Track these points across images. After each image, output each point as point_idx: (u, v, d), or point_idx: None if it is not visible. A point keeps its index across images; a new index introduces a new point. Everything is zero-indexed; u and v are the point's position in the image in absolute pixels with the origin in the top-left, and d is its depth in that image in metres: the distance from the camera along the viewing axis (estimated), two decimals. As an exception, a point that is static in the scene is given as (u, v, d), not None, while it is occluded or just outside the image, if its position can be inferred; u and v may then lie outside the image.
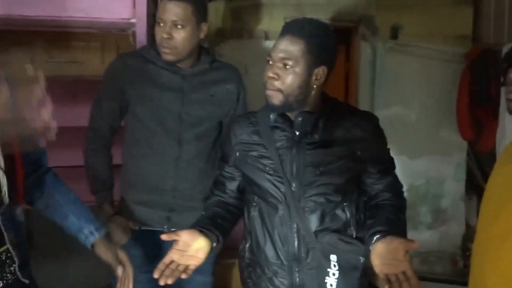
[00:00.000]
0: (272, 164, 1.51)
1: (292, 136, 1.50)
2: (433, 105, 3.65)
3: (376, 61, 3.58)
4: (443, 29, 3.60)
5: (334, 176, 1.49)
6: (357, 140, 1.51)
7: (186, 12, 1.79)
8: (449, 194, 3.73)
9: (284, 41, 1.43)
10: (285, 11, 3.40)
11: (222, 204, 1.64)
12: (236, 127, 1.63)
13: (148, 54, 1.90)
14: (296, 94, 1.44)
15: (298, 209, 1.48)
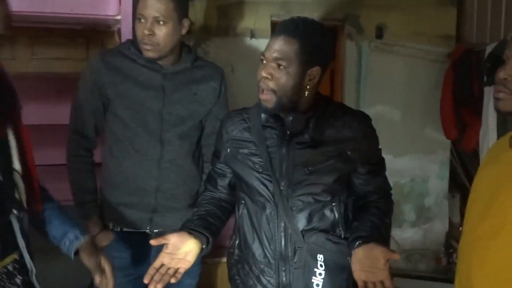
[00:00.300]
0: (262, 162, 1.50)
1: (283, 135, 1.49)
2: (418, 104, 3.69)
3: (362, 60, 3.60)
4: (428, 29, 3.64)
5: (323, 175, 1.48)
6: (347, 140, 1.50)
7: (168, 8, 1.75)
8: (433, 192, 3.78)
9: (278, 41, 1.41)
10: (271, 9, 3.40)
11: (215, 200, 1.63)
12: (228, 123, 1.61)
13: (128, 52, 1.85)
14: (289, 94, 1.44)
15: (286, 208, 1.48)
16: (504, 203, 1.16)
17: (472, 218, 1.29)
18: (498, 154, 1.28)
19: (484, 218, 1.21)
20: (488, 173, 1.29)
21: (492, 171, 1.27)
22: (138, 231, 1.92)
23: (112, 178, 1.91)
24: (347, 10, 3.54)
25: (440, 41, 3.67)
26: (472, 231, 1.26)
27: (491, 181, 1.24)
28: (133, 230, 1.92)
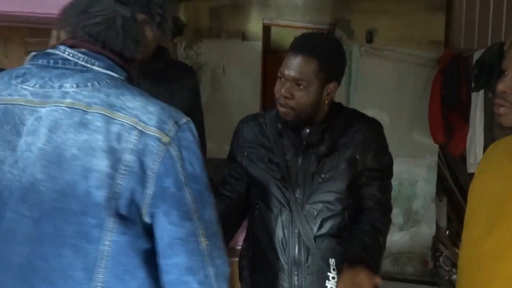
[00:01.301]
0: (279, 170, 1.53)
1: (299, 145, 1.52)
2: (407, 108, 3.73)
3: (352, 64, 3.64)
4: (416, 34, 3.69)
5: (336, 182, 1.51)
6: (357, 144, 1.52)
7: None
8: (421, 196, 3.82)
9: (297, 60, 1.43)
10: (263, 12, 3.42)
11: (231, 204, 1.62)
12: (245, 127, 1.62)
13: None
14: (308, 111, 1.47)
15: (300, 215, 1.50)
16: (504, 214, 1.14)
17: (475, 232, 1.26)
18: (501, 164, 1.25)
19: (490, 234, 1.18)
20: (491, 183, 1.25)
21: (495, 182, 1.23)
22: None
23: None
24: (338, 15, 3.57)
25: (429, 46, 3.73)
26: (476, 246, 1.23)
27: (496, 194, 1.21)
28: None
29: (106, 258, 0.85)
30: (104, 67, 0.94)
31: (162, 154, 0.87)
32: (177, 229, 0.88)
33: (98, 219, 0.84)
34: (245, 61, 3.39)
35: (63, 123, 0.86)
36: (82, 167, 0.84)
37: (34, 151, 0.86)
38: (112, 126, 0.86)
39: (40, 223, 0.85)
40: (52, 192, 0.85)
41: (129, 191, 0.85)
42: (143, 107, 0.89)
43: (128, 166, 0.85)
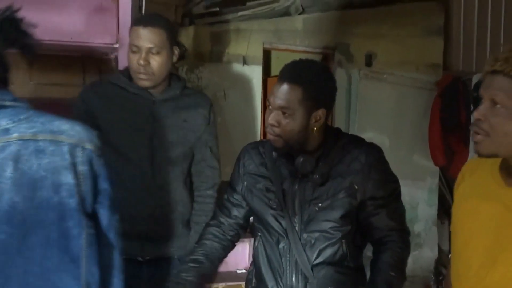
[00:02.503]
0: (276, 199, 1.53)
1: (294, 173, 1.53)
2: (406, 131, 3.75)
3: (352, 87, 3.67)
4: (415, 57, 3.74)
5: (332, 211, 1.50)
6: (355, 173, 1.51)
7: (162, 38, 1.79)
8: (422, 219, 3.81)
9: (282, 88, 1.44)
10: (264, 36, 3.47)
11: (219, 238, 1.64)
12: (246, 156, 1.64)
13: (119, 81, 1.88)
14: (296, 138, 1.47)
15: (297, 244, 1.50)
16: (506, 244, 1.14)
17: (474, 262, 1.24)
18: (490, 189, 1.24)
19: (494, 266, 1.17)
20: (483, 210, 1.24)
21: (489, 209, 1.22)
22: (129, 258, 1.91)
23: None
24: (338, 39, 3.62)
25: (428, 69, 3.77)
26: (478, 277, 1.21)
27: (493, 222, 1.20)
28: (125, 257, 1.91)
29: (85, 249, 1.11)
30: (11, 99, 1.10)
31: (99, 161, 1.14)
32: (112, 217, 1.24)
33: (74, 220, 1.08)
34: (245, 85, 3.43)
35: (23, 153, 1.04)
36: (52, 184, 1.05)
37: (5, 180, 1.03)
38: (62, 147, 1.07)
39: (27, 236, 1.04)
40: (31, 209, 1.04)
41: (89, 193, 1.11)
42: (72, 128, 1.10)
43: (84, 174, 1.09)
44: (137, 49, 1.79)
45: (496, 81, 1.13)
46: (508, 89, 1.11)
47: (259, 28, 3.48)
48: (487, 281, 1.18)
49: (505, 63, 1.12)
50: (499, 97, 1.12)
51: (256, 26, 3.47)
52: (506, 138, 1.12)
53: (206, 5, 3.39)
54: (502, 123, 1.12)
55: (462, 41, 3.94)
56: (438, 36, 3.82)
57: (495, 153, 1.16)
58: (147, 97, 1.86)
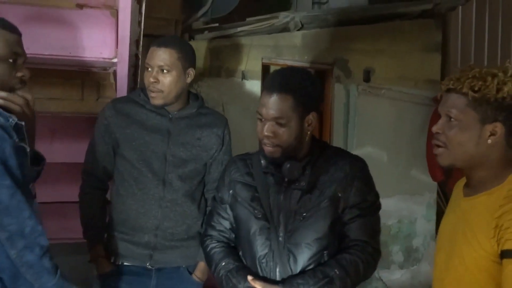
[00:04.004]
0: (261, 208, 1.55)
1: (281, 182, 1.55)
2: (404, 146, 3.76)
3: (350, 103, 3.69)
4: (413, 73, 3.76)
5: (318, 222, 1.52)
6: (338, 182, 1.54)
7: (172, 58, 1.87)
8: (420, 234, 3.81)
9: (272, 99, 1.47)
10: (263, 51, 3.50)
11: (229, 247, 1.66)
12: (232, 167, 1.68)
13: (138, 98, 1.98)
14: (294, 144, 1.51)
15: (281, 254, 1.52)
16: (461, 252, 1.26)
17: (438, 267, 1.38)
18: (456, 203, 1.38)
19: (448, 269, 1.31)
20: (449, 222, 1.38)
21: (450, 220, 1.37)
22: (138, 265, 1.97)
23: (116, 215, 2.00)
24: (336, 54, 3.65)
25: (426, 85, 3.79)
26: (440, 279, 1.36)
27: (450, 231, 1.34)
28: (134, 265, 1.97)
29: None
30: None
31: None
32: None
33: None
34: (244, 99, 3.45)
35: None
36: None
37: None
38: None
39: None
40: None
41: None
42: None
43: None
44: (150, 67, 1.90)
45: (450, 99, 1.30)
46: (460, 104, 1.27)
47: (258, 43, 3.51)
48: (445, 283, 1.33)
49: (456, 81, 1.28)
50: (453, 113, 1.27)
51: (256, 42, 3.50)
52: (461, 148, 1.28)
53: (206, 21, 3.42)
54: (456, 135, 1.28)
55: (459, 57, 3.98)
56: (436, 52, 3.85)
57: (453, 164, 1.32)
58: (164, 114, 1.97)
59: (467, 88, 1.25)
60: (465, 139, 1.27)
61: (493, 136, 1.26)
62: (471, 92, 1.24)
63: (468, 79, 1.26)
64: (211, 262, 1.65)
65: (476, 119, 1.26)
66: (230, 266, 1.58)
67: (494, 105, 1.25)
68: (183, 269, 2.02)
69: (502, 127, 1.26)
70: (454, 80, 1.29)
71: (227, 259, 1.60)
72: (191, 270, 2.02)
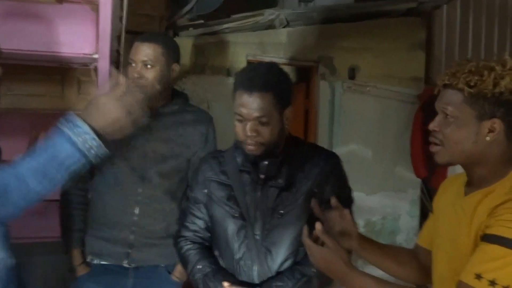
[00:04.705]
0: (238, 207, 1.54)
1: (257, 179, 1.54)
2: (389, 143, 3.79)
3: (335, 100, 3.71)
4: (398, 71, 3.79)
5: (296, 219, 1.52)
6: (314, 177, 1.55)
7: (156, 53, 1.86)
8: (404, 230, 3.84)
9: (253, 99, 1.45)
10: (248, 49, 3.50)
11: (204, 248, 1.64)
12: (205, 165, 1.66)
13: None
14: (276, 140, 1.51)
15: (259, 252, 1.52)
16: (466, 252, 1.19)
17: (438, 269, 1.33)
18: (455, 201, 1.31)
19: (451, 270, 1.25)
20: (447, 221, 1.32)
21: (451, 218, 1.30)
22: (115, 264, 1.94)
23: (94, 211, 1.97)
24: (321, 52, 3.66)
25: (410, 83, 3.82)
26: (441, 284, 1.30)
27: (452, 229, 1.28)
28: (111, 263, 1.95)
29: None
30: None
31: None
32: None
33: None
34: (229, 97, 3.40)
35: None
36: None
37: None
38: None
39: None
40: None
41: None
42: None
43: None
44: (133, 62, 1.88)
45: (446, 95, 1.24)
46: (456, 101, 1.21)
47: (243, 40, 3.50)
48: (447, 285, 1.25)
49: (452, 77, 1.22)
50: (449, 110, 1.22)
51: (241, 39, 3.49)
52: (458, 146, 1.22)
53: (191, 18, 3.41)
54: (453, 132, 1.22)
55: (444, 55, 4.01)
56: (421, 50, 3.88)
57: (450, 161, 1.27)
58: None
59: (462, 83, 1.18)
60: (462, 136, 1.20)
61: (491, 133, 1.19)
62: (466, 88, 1.18)
63: (464, 74, 1.19)
64: (187, 264, 1.63)
65: (473, 116, 1.19)
66: (206, 269, 1.56)
67: (491, 101, 1.18)
68: (161, 269, 1.98)
69: (501, 123, 1.19)
70: (450, 75, 1.22)
71: (203, 262, 1.59)
72: (170, 270, 1.98)
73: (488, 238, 1.12)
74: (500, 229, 1.10)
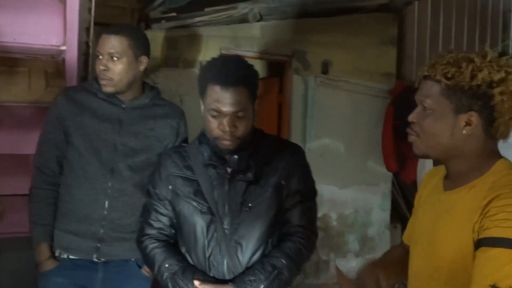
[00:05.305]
0: (205, 202, 1.53)
1: (224, 174, 1.53)
2: (361, 138, 3.83)
3: (308, 94, 3.73)
4: (370, 66, 3.83)
5: (264, 212, 1.52)
6: (281, 170, 1.56)
7: (122, 45, 1.85)
8: (376, 223, 3.90)
9: (229, 94, 1.43)
10: (221, 42, 3.48)
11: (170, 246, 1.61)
12: (168, 161, 1.63)
13: (91, 87, 1.94)
14: (248, 134, 1.50)
15: (228, 247, 1.51)
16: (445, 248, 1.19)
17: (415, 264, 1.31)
18: (434, 197, 1.30)
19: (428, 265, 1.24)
20: (425, 216, 1.31)
21: (429, 214, 1.29)
22: (84, 259, 1.92)
23: (62, 205, 1.94)
24: (295, 46, 3.68)
25: (382, 78, 3.87)
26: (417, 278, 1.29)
27: (428, 227, 1.26)
28: (80, 258, 1.92)
29: None
30: None
31: None
32: None
33: None
34: (202, 90, 3.43)
35: None
36: None
37: None
38: None
39: None
40: None
41: None
42: None
43: None
44: (100, 55, 1.86)
45: (425, 86, 1.21)
46: (433, 93, 1.18)
47: (216, 34, 3.49)
48: (422, 281, 1.25)
49: (431, 68, 1.19)
50: (427, 102, 1.19)
51: (214, 32, 3.48)
52: (434, 139, 1.20)
53: (163, 10, 3.37)
54: (429, 125, 1.19)
55: (415, 51, 4.07)
56: (392, 46, 3.93)
57: (427, 154, 1.24)
58: (116, 103, 1.93)
59: (440, 75, 1.16)
60: (438, 129, 1.18)
61: (468, 126, 1.16)
62: (444, 80, 1.15)
63: (442, 65, 1.16)
64: (153, 264, 1.59)
65: (450, 108, 1.16)
66: (174, 268, 1.53)
67: (468, 93, 1.14)
68: (132, 263, 1.96)
69: (478, 117, 1.15)
70: (430, 66, 1.19)
71: (170, 260, 1.55)
72: (140, 264, 1.96)
73: (489, 242, 1.08)
74: (499, 231, 1.06)
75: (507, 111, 1.16)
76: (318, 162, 3.67)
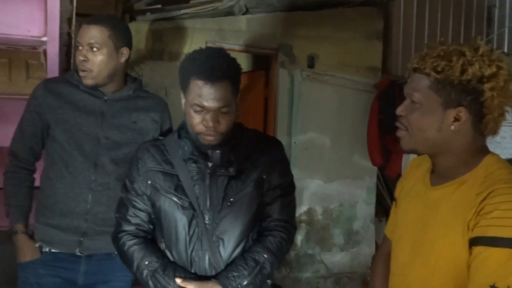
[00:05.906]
0: (186, 197, 1.50)
1: (205, 168, 1.51)
2: (347, 132, 3.84)
3: (294, 88, 3.72)
4: (356, 60, 3.83)
5: (246, 206, 1.51)
6: (262, 165, 1.55)
7: (102, 35, 1.81)
8: (361, 217, 3.92)
9: (214, 89, 1.40)
10: (207, 35, 3.46)
11: (150, 243, 1.58)
12: (146, 155, 1.58)
13: (72, 79, 1.90)
14: (231, 129, 1.48)
15: (210, 241, 1.50)
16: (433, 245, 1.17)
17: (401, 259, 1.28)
18: (420, 190, 1.27)
19: (415, 263, 1.21)
20: (412, 209, 1.28)
21: (416, 209, 1.26)
22: (67, 253, 1.90)
23: (44, 199, 1.92)
24: (281, 40, 3.66)
25: (367, 72, 3.88)
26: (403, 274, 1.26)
27: (417, 221, 1.24)
28: (63, 252, 1.91)
29: None
30: None
31: None
32: None
33: None
34: (188, 83, 3.41)
35: None
36: None
37: None
38: None
39: None
40: None
41: None
42: None
43: None
44: (80, 45, 1.82)
45: (414, 79, 1.18)
46: (422, 86, 1.15)
47: (202, 26, 3.46)
48: (410, 278, 1.23)
49: (421, 60, 1.15)
50: (415, 96, 1.16)
51: (199, 25, 3.45)
52: (421, 134, 1.17)
53: (148, 2, 3.33)
54: (417, 119, 1.16)
55: (400, 46, 4.09)
56: (378, 40, 3.93)
57: (414, 149, 1.21)
58: (98, 96, 1.89)
59: (429, 68, 1.12)
60: (426, 124, 1.15)
61: (457, 122, 1.13)
62: (433, 73, 1.11)
63: (432, 58, 1.12)
64: (131, 261, 1.55)
65: (438, 103, 1.13)
66: (154, 265, 1.50)
67: (458, 88, 1.11)
68: (115, 256, 1.88)
69: (467, 113, 1.12)
70: (419, 58, 1.15)
71: (149, 257, 1.52)
72: None
73: (486, 241, 1.06)
74: (495, 229, 1.04)
75: (496, 107, 1.13)
76: (304, 156, 3.68)
